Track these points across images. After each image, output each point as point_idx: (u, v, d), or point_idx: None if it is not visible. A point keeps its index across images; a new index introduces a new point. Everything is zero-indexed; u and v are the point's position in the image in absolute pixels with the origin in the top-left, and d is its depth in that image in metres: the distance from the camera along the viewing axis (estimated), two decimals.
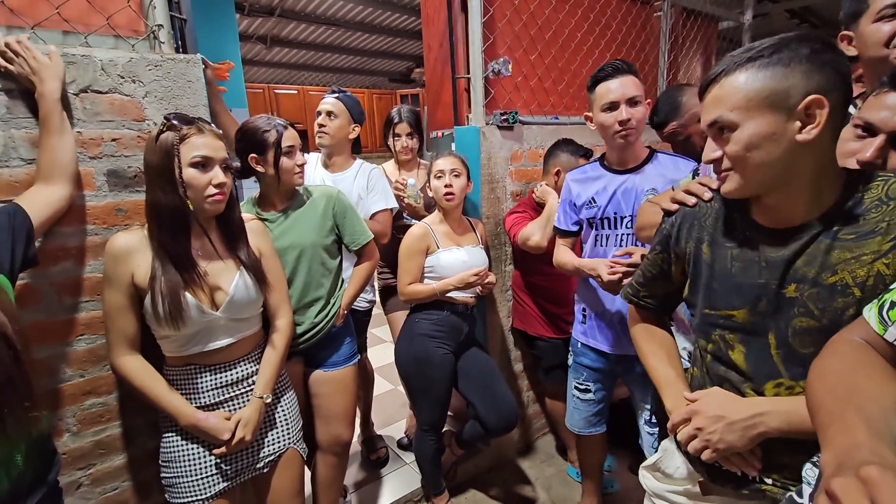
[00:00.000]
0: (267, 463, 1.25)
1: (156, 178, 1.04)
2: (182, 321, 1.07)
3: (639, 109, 1.37)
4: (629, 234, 1.46)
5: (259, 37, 5.27)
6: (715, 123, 0.75)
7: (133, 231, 1.10)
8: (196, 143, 1.06)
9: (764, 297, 0.77)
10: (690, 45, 2.92)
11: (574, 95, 2.34)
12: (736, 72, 0.72)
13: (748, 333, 0.80)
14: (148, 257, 1.07)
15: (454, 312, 1.72)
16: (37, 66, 1.01)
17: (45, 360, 1.14)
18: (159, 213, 1.05)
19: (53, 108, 1.02)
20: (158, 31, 1.22)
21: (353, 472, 2.15)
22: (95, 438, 1.22)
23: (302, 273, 1.45)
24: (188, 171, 1.05)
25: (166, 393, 1.11)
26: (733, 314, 0.81)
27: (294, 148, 1.42)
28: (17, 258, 0.93)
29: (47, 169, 1.03)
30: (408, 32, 5.65)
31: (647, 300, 1.03)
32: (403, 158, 2.11)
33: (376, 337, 3.75)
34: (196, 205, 1.08)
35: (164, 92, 1.21)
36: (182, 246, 1.08)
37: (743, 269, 0.80)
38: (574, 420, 1.70)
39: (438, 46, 2.18)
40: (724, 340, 0.83)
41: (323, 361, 1.54)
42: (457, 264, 1.67)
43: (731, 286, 0.81)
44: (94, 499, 1.23)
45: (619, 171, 1.47)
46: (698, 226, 0.89)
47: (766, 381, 0.78)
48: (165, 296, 1.05)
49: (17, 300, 1.07)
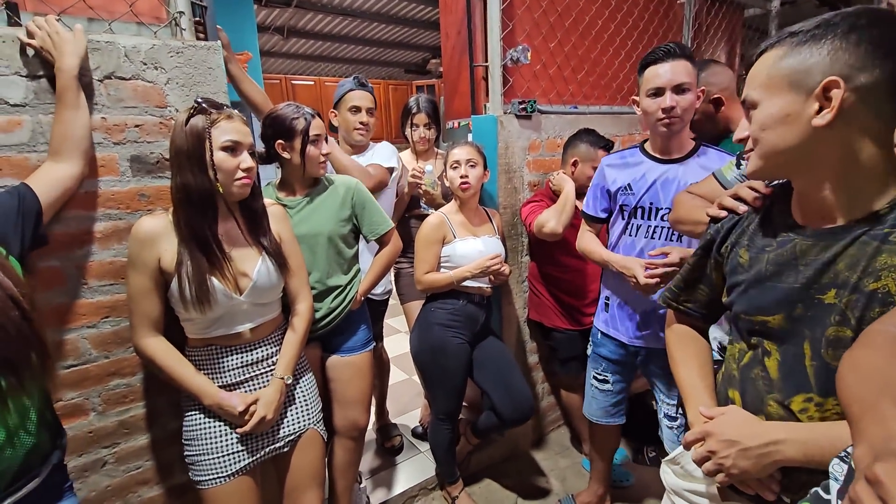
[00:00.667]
0: (287, 442, 1.26)
1: (186, 161, 1.05)
2: (209, 305, 1.09)
3: (686, 97, 1.31)
4: (663, 228, 1.42)
5: (276, 28, 5.29)
6: (745, 101, 0.73)
7: (158, 215, 1.12)
8: (226, 127, 1.08)
9: (800, 303, 0.72)
10: (715, 33, 2.85)
11: (594, 84, 2.30)
12: (773, 48, 0.69)
13: (784, 341, 0.75)
14: (174, 242, 1.09)
15: (470, 302, 1.72)
16: (57, 41, 1.01)
17: (71, 341, 1.17)
18: (189, 195, 1.07)
19: (69, 84, 1.02)
20: (180, 17, 1.23)
21: (368, 459, 2.17)
22: (120, 418, 1.25)
23: (320, 261, 1.46)
24: (218, 155, 1.07)
25: (190, 373, 1.14)
26: (768, 320, 0.76)
27: (320, 137, 1.44)
28: (27, 240, 0.95)
29: (59, 143, 1.03)
30: (424, 23, 5.61)
31: (686, 305, 0.97)
32: (421, 148, 2.11)
33: (392, 327, 3.77)
34: (225, 188, 1.10)
35: (185, 79, 1.22)
36: (210, 229, 1.10)
37: (779, 273, 0.75)
38: (591, 409, 1.69)
39: (456, 34, 2.17)
40: (762, 346, 0.78)
41: (339, 347, 1.55)
42: (473, 254, 1.67)
43: (766, 290, 0.76)
44: (118, 476, 1.26)
45: (661, 160, 1.43)
46: (740, 229, 0.85)
47: (794, 394, 0.73)
48: (192, 280, 1.06)
49: (43, 282, 1.11)
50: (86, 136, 1.07)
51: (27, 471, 0.86)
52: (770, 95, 0.69)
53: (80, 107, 1.05)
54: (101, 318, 1.19)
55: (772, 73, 0.68)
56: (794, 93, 0.66)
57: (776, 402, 0.75)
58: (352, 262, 1.55)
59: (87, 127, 1.07)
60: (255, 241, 1.20)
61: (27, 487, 0.86)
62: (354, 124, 1.86)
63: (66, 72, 1.02)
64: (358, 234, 1.58)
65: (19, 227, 0.93)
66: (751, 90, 0.72)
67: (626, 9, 2.32)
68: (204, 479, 1.15)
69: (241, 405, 1.15)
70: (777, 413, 0.75)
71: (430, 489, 2.00)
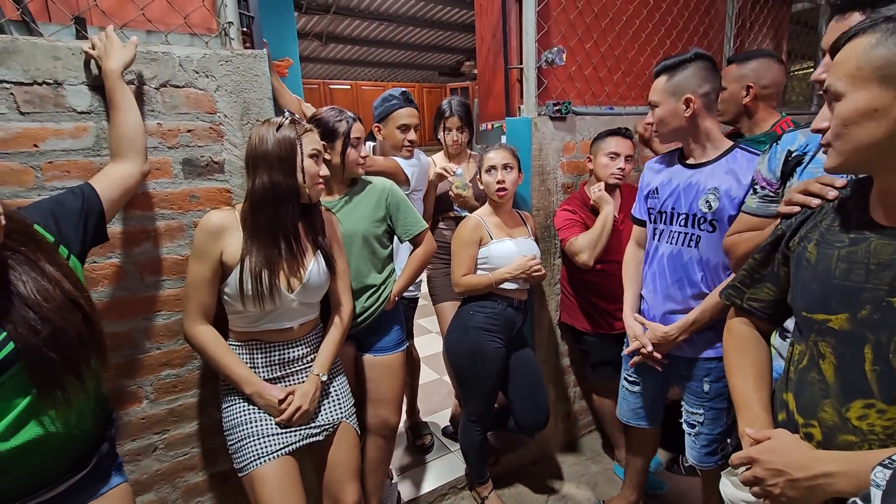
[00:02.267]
0: (322, 430, 1.29)
1: (277, 163, 1.15)
2: (269, 299, 1.15)
3: (655, 113, 1.34)
4: (680, 233, 1.40)
5: (315, 34, 5.45)
6: (828, 90, 0.68)
7: (226, 210, 1.20)
8: (312, 138, 1.22)
9: (868, 304, 0.68)
10: (759, 29, 2.74)
11: (631, 85, 2.26)
12: (865, 34, 0.64)
13: (842, 343, 0.71)
14: (239, 237, 1.16)
15: (510, 306, 1.71)
16: (108, 47, 1.08)
17: (127, 333, 1.25)
18: (277, 193, 1.16)
19: (115, 85, 1.08)
20: (229, 28, 1.30)
21: (399, 456, 2.21)
22: (169, 406, 1.33)
23: (355, 260, 1.50)
24: (307, 161, 1.19)
25: (235, 361, 1.20)
26: (830, 319, 0.73)
27: (360, 140, 1.49)
28: (88, 239, 1.00)
29: (116, 145, 1.10)
30: (458, 26, 5.65)
31: (751, 304, 0.92)
32: (453, 151, 2.12)
33: (423, 327, 3.81)
34: (309, 189, 1.21)
35: (233, 86, 1.29)
36: (294, 223, 1.20)
37: (847, 271, 0.71)
38: (622, 410, 1.68)
39: (491, 37, 2.18)
40: (817, 348, 0.75)
41: (373, 346, 1.59)
42: (510, 255, 1.67)
43: (831, 288, 0.73)
44: (167, 461, 1.34)
45: (689, 164, 1.41)
46: (812, 223, 0.81)
47: (853, 400, 0.69)
48: (256, 275, 1.14)
49: (106, 278, 1.19)
50: (140, 135, 1.11)
51: (80, 461, 0.93)
52: (857, 88, 0.64)
53: (130, 107, 1.10)
54: (155, 312, 1.27)
55: (861, 63, 0.63)
56: (883, 87, 0.61)
57: (832, 409, 0.72)
58: (386, 261, 1.58)
59: (139, 126, 1.11)
60: (313, 241, 1.27)
61: (78, 475, 0.92)
62: (403, 142, 1.87)
63: (109, 73, 1.07)
64: (392, 235, 1.61)
65: (81, 227, 0.98)
66: (835, 80, 0.66)
67: (665, 7, 2.27)
68: (247, 464, 1.19)
69: (281, 394, 1.21)
70: (831, 420, 0.72)
71: (460, 488, 2.02)
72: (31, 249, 0.82)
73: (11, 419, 0.79)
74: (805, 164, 1.04)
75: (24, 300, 0.78)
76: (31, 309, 0.78)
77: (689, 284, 1.39)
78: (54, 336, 0.80)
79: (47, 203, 0.96)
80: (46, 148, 1.10)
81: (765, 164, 1.12)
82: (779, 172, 1.08)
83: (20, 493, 0.84)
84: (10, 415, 0.79)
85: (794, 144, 1.06)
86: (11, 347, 0.77)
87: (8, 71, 1.04)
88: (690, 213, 1.37)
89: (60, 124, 1.11)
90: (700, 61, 1.32)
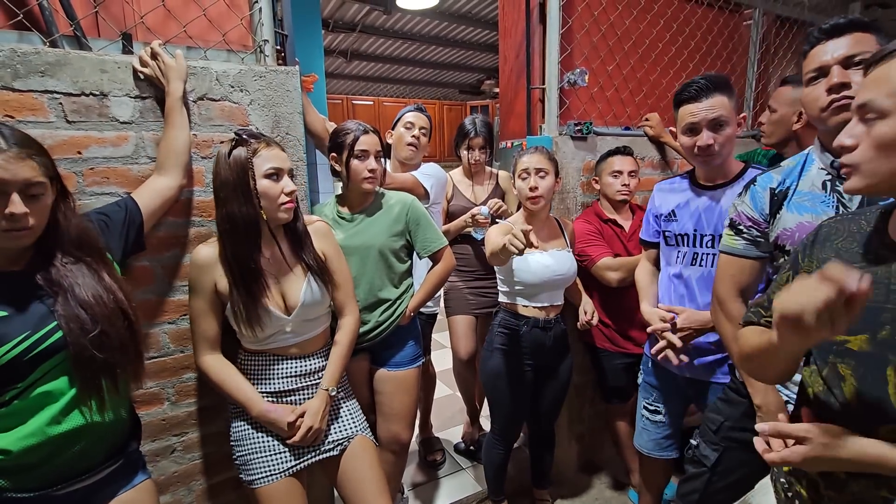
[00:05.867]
0: (336, 445, 1.28)
1: (231, 192, 1.10)
2: (260, 327, 1.16)
3: (722, 133, 1.29)
4: (708, 254, 1.39)
5: (340, 51, 5.60)
6: (864, 106, 0.64)
7: (212, 243, 1.19)
8: (267, 155, 1.13)
9: (888, 325, 0.67)
10: (784, 54, 2.74)
11: (653, 106, 2.27)
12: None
13: (863, 365, 0.70)
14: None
15: (535, 326, 1.62)
16: (164, 68, 1.16)
17: (153, 335, 1.28)
18: (234, 225, 1.12)
19: (175, 105, 1.16)
20: (264, 45, 1.35)
21: (410, 471, 2.20)
22: (189, 409, 1.35)
23: (369, 273, 1.50)
24: (262, 183, 1.12)
25: (240, 385, 1.20)
26: (849, 339, 0.72)
27: (367, 152, 1.45)
28: (129, 248, 1.09)
29: (164, 159, 1.17)
30: (480, 45, 5.75)
31: (769, 322, 0.91)
32: (474, 170, 2.14)
33: (437, 342, 3.80)
34: (269, 214, 1.16)
35: (265, 100, 1.34)
36: (254, 258, 1.15)
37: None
38: (642, 440, 1.63)
39: (514, 57, 2.22)
40: (836, 370, 0.74)
41: (387, 361, 1.58)
42: (539, 269, 1.57)
43: None
44: (184, 463, 1.36)
45: (705, 186, 1.41)
46: (829, 247, 0.80)
47: (878, 424, 0.68)
48: (243, 308, 1.14)
49: (135, 280, 1.23)
50: (185, 152, 1.19)
51: (114, 453, 1.01)
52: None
53: (184, 126, 1.18)
54: (180, 315, 1.31)
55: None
56: None
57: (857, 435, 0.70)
58: (403, 276, 1.58)
59: (187, 143, 1.19)
60: (300, 261, 1.24)
61: (114, 465, 1.00)
62: (406, 138, 1.91)
63: (172, 94, 1.16)
64: (411, 250, 1.61)
65: (123, 237, 1.08)
66: (880, 96, 0.62)
67: (688, 31, 2.29)
68: (255, 479, 1.20)
69: (291, 416, 1.19)
70: None
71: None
72: (95, 260, 0.94)
73: (62, 405, 0.89)
74: (790, 196, 1.06)
75: (80, 301, 0.88)
76: (84, 309, 0.88)
77: None
78: (100, 337, 0.89)
79: (95, 215, 1.06)
80: (89, 155, 1.16)
81: (748, 205, 1.12)
82: (766, 210, 1.09)
83: (69, 475, 0.93)
84: (60, 401, 0.89)
85: (773, 182, 1.09)
86: (60, 336, 0.87)
87: (59, 82, 1.10)
88: (716, 234, 1.36)
89: (103, 133, 1.16)
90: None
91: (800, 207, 1.04)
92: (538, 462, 1.90)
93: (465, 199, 2.12)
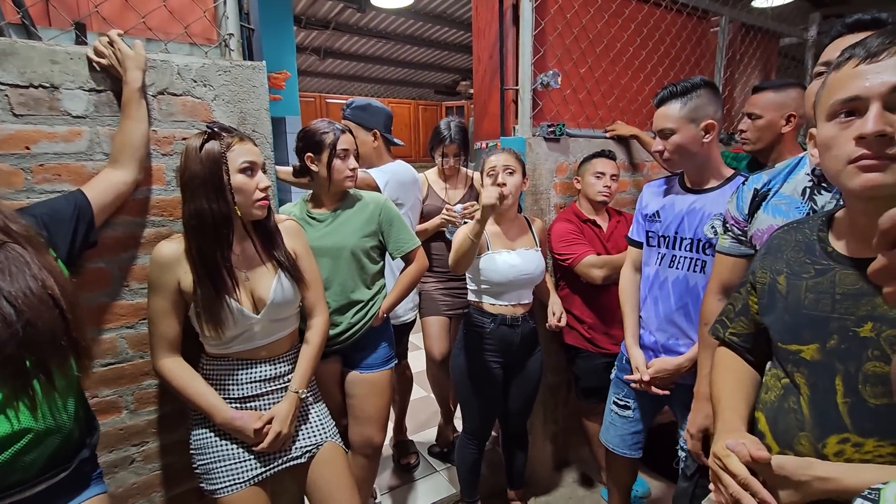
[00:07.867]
0: (304, 453, 1.25)
1: (201, 187, 1.06)
2: (223, 328, 1.11)
3: (672, 140, 1.32)
4: (685, 258, 1.40)
5: (314, 48, 5.51)
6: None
7: (176, 239, 1.14)
8: (241, 150, 1.10)
9: (835, 334, 0.69)
10: (749, 61, 2.83)
11: (624, 109, 2.31)
12: None
13: (815, 374, 0.72)
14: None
15: (502, 324, 1.64)
16: (122, 57, 1.10)
17: (110, 340, 1.22)
18: (203, 221, 1.07)
19: (132, 96, 1.10)
20: (229, 39, 1.31)
21: (384, 475, 2.17)
22: (150, 417, 1.29)
23: (342, 274, 1.48)
24: (237, 178, 1.09)
25: (203, 391, 1.14)
26: (802, 349, 0.73)
27: (348, 152, 1.46)
28: (77, 245, 1.01)
29: (118, 151, 1.11)
30: (455, 46, 5.75)
31: (732, 338, 0.95)
32: (448, 174, 2.13)
33: (415, 344, 3.77)
34: (243, 209, 1.12)
35: (230, 95, 1.29)
36: (223, 255, 1.10)
37: (816, 301, 0.72)
38: (609, 436, 1.64)
39: (488, 58, 2.22)
40: (793, 379, 0.75)
41: (359, 363, 1.56)
42: (505, 268, 1.59)
43: (801, 318, 0.74)
44: (144, 474, 1.30)
45: (691, 189, 1.42)
46: (780, 258, 0.82)
47: (829, 434, 0.68)
48: (206, 306, 1.09)
49: (89, 282, 1.17)
50: (143, 146, 1.14)
51: (57, 463, 0.90)
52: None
53: (141, 118, 1.13)
54: (139, 320, 1.25)
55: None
56: None
57: (808, 442, 0.71)
58: (375, 277, 1.56)
59: (145, 137, 1.14)
60: (271, 258, 1.21)
61: (56, 478, 0.90)
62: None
63: (130, 84, 1.10)
64: (383, 251, 1.58)
65: (70, 232, 1.00)
66: None
67: (657, 36, 2.34)
68: (219, 488, 1.15)
69: (258, 423, 1.15)
70: (808, 453, 0.72)
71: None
72: (24, 248, 0.83)
73: None
74: (769, 198, 1.09)
75: (5, 295, 0.78)
76: (9, 303, 0.78)
77: (694, 311, 1.38)
78: (24, 330, 0.78)
79: (40, 208, 0.98)
80: (38, 151, 1.09)
81: (733, 204, 1.15)
82: (746, 210, 1.12)
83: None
84: None
85: (759, 183, 1.11)
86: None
87: (4, 73, 1.03)
88: (695, 238, 1.37)
89: (54, 127, 1.10)
90: (708, 87, 1.33)
91: (775, 210, 1.05)
92: (512, 462, 1.90)
93: (440, 200, 2.11)
